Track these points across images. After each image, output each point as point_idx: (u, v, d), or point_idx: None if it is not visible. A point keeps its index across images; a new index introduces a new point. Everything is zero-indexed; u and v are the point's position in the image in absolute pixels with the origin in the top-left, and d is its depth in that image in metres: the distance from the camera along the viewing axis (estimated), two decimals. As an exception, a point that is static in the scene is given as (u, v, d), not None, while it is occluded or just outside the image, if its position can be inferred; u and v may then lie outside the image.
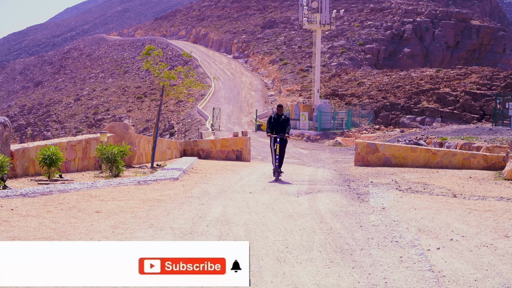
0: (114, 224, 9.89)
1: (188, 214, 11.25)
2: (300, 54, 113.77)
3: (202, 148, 30.02)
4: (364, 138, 48.80)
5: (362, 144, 26.25)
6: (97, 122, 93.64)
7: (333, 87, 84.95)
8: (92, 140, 20.31)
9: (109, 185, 14.80)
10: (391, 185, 17.24)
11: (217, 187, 16.20)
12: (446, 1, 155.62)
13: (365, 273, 7.38)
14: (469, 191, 15.98)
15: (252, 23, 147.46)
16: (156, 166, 22.39)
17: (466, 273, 7.43)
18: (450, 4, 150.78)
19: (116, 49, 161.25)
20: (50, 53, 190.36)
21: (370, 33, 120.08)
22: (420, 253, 8.37)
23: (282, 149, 19.25)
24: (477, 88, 69.84)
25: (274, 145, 19.19)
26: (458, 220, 11.14)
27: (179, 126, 76.16)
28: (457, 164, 24.43)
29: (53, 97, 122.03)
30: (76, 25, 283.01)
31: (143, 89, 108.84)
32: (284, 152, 19.47)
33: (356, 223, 10.71)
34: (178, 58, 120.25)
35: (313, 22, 65.30)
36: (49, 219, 10.10)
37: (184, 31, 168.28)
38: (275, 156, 19.08)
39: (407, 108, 67.91)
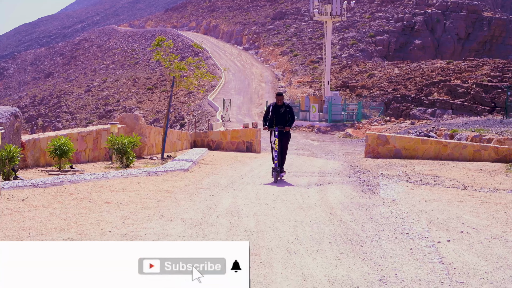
0: (124, 215, 9.92)
1: (198, 205, 11.26)
2: (311, 45, 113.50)
3: (212, 139, 30.05)
4: (375, 130, 48.70)
5: (373, 136, 26.21)
6: (108, 113, 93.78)
7: (344, 78, 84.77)
8: (103, 131, 20.36)
9: (120, 176, 14.83)
10: (401, 177, 17.21)
11: (227, 178, 16.21)
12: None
13: (375, 264, 7.38)
14: (480, 183, 15.94)
15: (263, 14, 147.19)
16: (166, 157, 22.42)
17: (477, 265, 7.41)
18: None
19: (126, 40, 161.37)
20: (61, 44, 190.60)
21: (381, 25, 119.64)
22: (430, 245, 8.35)
23: (283, 145, 16.42)
24: (488, 80, 69.52)
25: (273, 140, 16.41)
26: (468, 212, 11.11)
27: (189, 117, 76.16)
28: (468, 156, 24.35)
29: (64, 88, 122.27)
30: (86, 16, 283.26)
31: (154, 80, 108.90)
32: (286, 148, 16.60)
33: (366, 215, 10.70)
34: (189, 50, 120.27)
35: (324, 13, 65.09)
36: (60, 209, 10.13)
37: (194, 22, 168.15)
38: (274, 153, 16.29)
39: (417, 100, 67.69)
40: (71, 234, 8.37)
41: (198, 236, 8.58)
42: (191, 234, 8.72)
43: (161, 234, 8.58)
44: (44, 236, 8.22)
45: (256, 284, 6.57)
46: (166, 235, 8.53)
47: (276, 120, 16.44)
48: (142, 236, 8.41)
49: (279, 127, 16.31)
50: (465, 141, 28.48)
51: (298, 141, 40.57)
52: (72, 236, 8.27)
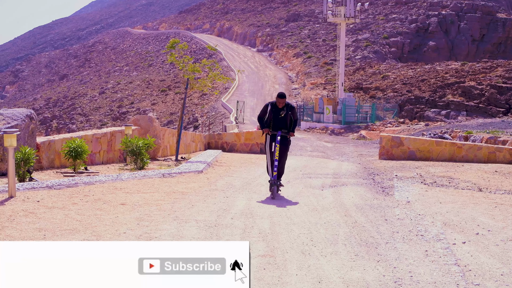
0: (139, 217, 9.94)
1: (213, 206, 11.28)
2: (324, 47, 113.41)
3: (226, 141, 30.07)
4: (389, 132, 48.61)
5: (387, 137, 26.15)
6: (122, 115, 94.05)
7: (357, 80, 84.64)
8: (117, 132, 20.42)
9: (134, 177, 14.87)
10: (416, 179, 17.16)
11: (242, 180, 16.21)
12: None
13: (390, 266, 7.36)
14: (495, 185, 15.87)
15: (276, 16, 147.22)
16: (180, 159, 22.46)
17: (492, 268, 7.38)
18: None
19: (140, 42, 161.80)
20: (75, 47, 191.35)
21: (394, 26, 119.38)
22: (445, 247, 8.33)
23: (282, 152, 13.59)
24: (503, 81, 69.22)
25: (271, 146, 13.62)
26: (483, 214, 11.07)
27: (203, 119, 76.28)
28: (483, 158, 24.25)
29: (78, 90, 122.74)
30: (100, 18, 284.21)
31: (167, 82, 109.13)
32: (285, 157, 13.80)
33: (381, 217, 10.68)
34: (202, 52, 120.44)
35: (338, 15, 65.06)
36: (74, 211, 10.17)
37: (208, 24, 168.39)
38: (272, 162, 13.49)
39: (431, 101, 67.47)
40: (86, 236, 8.40)
41: (213, 238, 8.59)
42: (206, 235, 8.73)
43: (176, 236, 8.59)
44: (59, 237, 8.25)
45: (271, 286, 6.57)
46: (181, 237, 8.55)
47: (274, 124, 13.70)
48: (157, 238, 8.43)
49: (282, 131, 13.56)
50: (479, 142, 28.37)
51: (312, 143, 40.50)
52: (87, 237, 8.31)
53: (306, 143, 39.88)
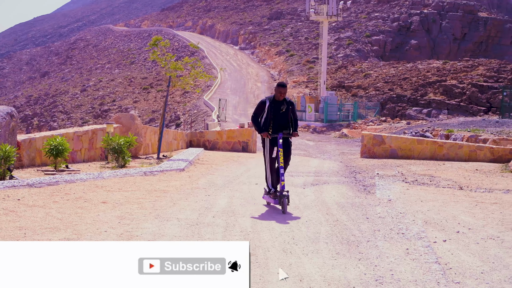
0: (120, 215, 9.90)
1: (194, 205, 11.25)
2: (307, 45, 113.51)
3: (208, 139, 30.04)
4: (370, 130, 48.74)
5: (368, 136, 26.22)
6: (103, 113, 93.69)
7: (340, 78, 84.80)
8: (99, 130, 20.33)
9: (116, 175, 14.81)
10: (397, 177, 17.22)
11: (223, 178, 16.20)
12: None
13: (371, 265, 7.38)
14: (476, 184, 15.95)
15: (259, 14, 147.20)
16: (162, 157, 22.41)
17: (473, 266, 7.41)
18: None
19: (122, 39, 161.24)
20: (57, 44, 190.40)
21: (377, 25, 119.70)
22: (426, 245, 8.36)
23: (286, 158, 11.53)
24: (484, 80, 69.63)
25: (272, 151, 11.42)
26: (464, 213, 11.12)
27: (185, 117, 76.17)
28: (464, 157, 24.38)
29: (60, 88, 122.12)
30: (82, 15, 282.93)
31: (150, 80, 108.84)
32: (289, 162, 11.74)
33: (362, 215, 10.70)
34: (185, 49, 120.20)
35: (320, 13, 65.16)
36: (55, 209, 10.12)
37: (190, 22, 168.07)
38: (273, 170, 11.48)
39: (413, 100, 67.76)
40: (67, 234, 8.35)
41: (194, 236, 8.57)
42: (187, 234, 8.71)
43: (157, 234, 8.57)
44: (40, 236, 8.20)
45: (252, 284, 6.56)
46: (162, 235, 8.52)
47: (274, 122, 11.44)
48: (138, 236, 8.39)
49: (284, 133, 11.40)
50: (460, 141, 28.50)
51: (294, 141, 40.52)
52: (68, 236, 8.26)
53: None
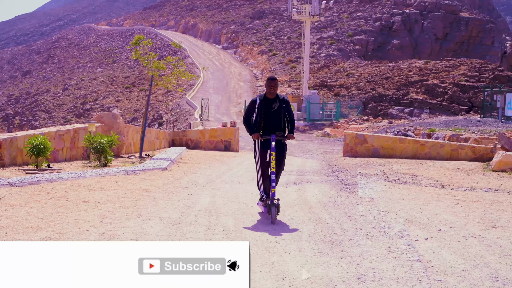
0: (102, 214, 9.87)
1: (177, 204, 11.24)
2: (289, 45, 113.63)
3: (190, 138, 30.00)
4: (353, 129, 48.85)
5: (351, 135, 26.27)
6: (85, 112, 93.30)
7: (322, 78, 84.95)
8: (81, 129, 20.25)
9: (98, 174, 14.76)
10: (379, 176, 17.27)
11: (206, 177, 16.18)
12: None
13: (353, 263, 7.39)
14: (457, 182, 16.03)
15: (241, 13, 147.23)
16: (144, 156, 22.35)
17: (454, 264, 7.45)
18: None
19: (104, 38, 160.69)
20: (38, 43, 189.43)
21: (359, 25, 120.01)
22: (408, 244, 8.39)
23: (279, 162, 10.41)
24: (465, 80, 70.00)
25: (263, 155, 10.35)
26: (446, 211, 11.17)
27: (168, 116, 75.98)
28: (445, 155, 24.49)
29: (41, 87, 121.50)
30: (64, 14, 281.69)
31: (132, 79, 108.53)
32: (282, 167, 10.63)
33: (345, 214, 10.73)
34: (167, 48, 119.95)
35: (303, 13, 65.25)
36: (37, 208, 10.06)
37: (173, 21, 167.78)
38: (265, 175, 10.41)
39: (395, 99, 67.98)
40: (49, 233, 8.31)
41: (177, 235, 8.55)
42: (170, 233, 8.69)
43: (139, 233, 8.54)
44: (21, 235, 8.15)
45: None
46: (144, 234, 8.50)
47: (265, 122, 10.43)
48: (120, 235, 8.36)
49: (277, 135, 10.30)
50: (442, 140, 28.62)
51: (277, 140, 40.53)
52: (49, 235, 8.22)
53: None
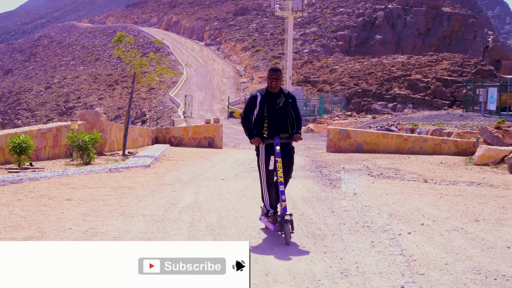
0: (85, 212, 9.83)
1: (160, 201, 11.21)
2: (272, 41, 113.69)
3: (174, 136, 29.95)
4: (336, 125, 48.93)
5: (334, 130, 26.31)
6: (68, 110, 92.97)
7: (305, 74, 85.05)
8: (63, 128, 20.16)
9: (80, 172, 14.71)
10: (362, 171, 17.30)
11: (189, 174, 16.16)
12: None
13: (336, 258, 7.40)
14: (440, 176, 16.09)
15: (224, 10, 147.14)
16: (127, 153, 22.29)
17: (437, 257, 7.47)
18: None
19: (87, 36, 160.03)
20: (20, 41, 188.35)
21: (342, 20, 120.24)
22: (391, 238, 8.40)
23: (287, 169, 8.76)
24: (448, 74, 70.33)
25: (268, 161, 8.59)
26: (429, 205, 11.21)
27: (151, 113, 75.86)
28: (428, 150, 24.59)
29: (24, 85, 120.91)
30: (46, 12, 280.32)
31: (115, 77, 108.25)
32: (291, 174, 8.98)
33: (328, 209, 10.74)
34: (150, 46, 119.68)
35: (285, 9, 65.29)
36: (19, 207, 10.01)
37: (155, 18, 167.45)
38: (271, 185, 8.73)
39: (378, 94, 68.21)
40: (31, 232, 8.27)
41: (160, 232, 8.53)
42: (153, 230, 8.67)
43: (122, 231, 8.51)
44: (3, 234, 8.11)
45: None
46: (128, 232, 8.47)
47: (270, 122, 8.74)
48: (103, 233, 8.33)
49: (281, 137, 8.57)
50: (425, 135, 28.74)
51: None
52: (32, 234, 8.17)
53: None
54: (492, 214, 10.38)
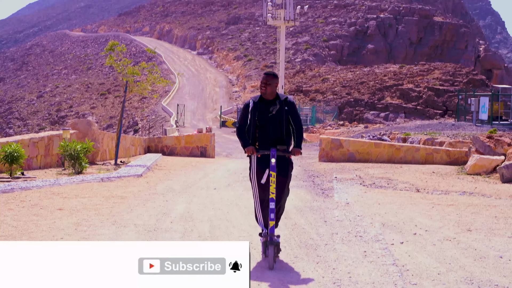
0: (76, 222, 9.79)
1: (152, 210, 11.18)
2: (265, 50, 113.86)
3: (166, 145, 29.91)
4: (328, 134, 48.96)
5: (327, 140, 26.31)
6: (60, 119, 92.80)
7: (298, 83, 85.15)
8: (55, 137, 20.11)
9: (72, 182, 14.67)
10: (355, 181, 17.30)
11: (182, 184, 16.13)
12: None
13: (329, 268, 7.38)
14: (432, 186, 16.10)
15: (217, 19, 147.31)
16: (119, 162, 22.24)
17: (430, 267, 7.47)
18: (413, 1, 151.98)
19: (79, 45, 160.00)
20: (12, 49, 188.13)
21: (334, 29, 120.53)
22: (384, 248, 8.40)
23: (282, 185, 7.81)
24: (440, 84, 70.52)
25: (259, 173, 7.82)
26: (421, 215, 11.21)
27: (143, 122, 75.79)
28: (421, 159, 24.61)
29: (15, 94, 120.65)
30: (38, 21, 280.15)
31: (107, 86, 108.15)
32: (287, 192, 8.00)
33: (321, 218, 10.73)
34: (142, 55, 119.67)
35: (277, 18, 65.30)
36: (10, 217, 9.97)
37: (148, 27, 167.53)
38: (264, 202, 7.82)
39: (371, 104, 68.32)
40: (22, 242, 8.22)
41: (152, 242, 8.50)
42: (145, 240, 8.64)
43: (114, 241, 8.48)
44: (-6, 244, 8.06)
45: None
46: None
47: (262, 132, 7.96)
48: (95, 243, 8.29)
49: (278, 148, 7.68)
50: (417, 144, 28.76)
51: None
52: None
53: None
54: (484, 223, 10.39)
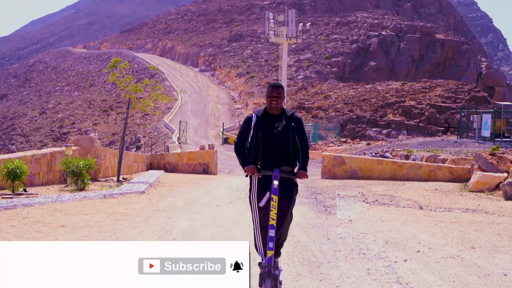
0: (79, 238, 9.76)
1: (155, 227, 11.14)
2: (267, 67, 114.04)
3: (168, 162, 29.88)
4: (331, 151, 48.92)
5: (329, 156, 26.30)
6: (63, 135, 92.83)
7: (300, 100, 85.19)
8: (57, 153, 20.09)
9: (74, 198, 14.64)
10: (358, 198, 17.26)
11: (184, 201, 16.10)
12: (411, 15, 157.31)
13: (332, 285, 7.35)
14: (435, 203, 16.06)
15: (219, 36, 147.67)
16: (122, 179, 22.22)
17: (433, 285, 7.43)
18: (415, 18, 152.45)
19: (82, 62, 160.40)
20: (15, 66, 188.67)
21: (336, 47, 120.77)
22: (387, 265, 8.36)
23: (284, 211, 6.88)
24: (442, 101, 70.53)
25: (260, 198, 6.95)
26: (424, 232, 11.17)
27: (146, 139, 75.80)
28: (423, 176, 24.56)
29: (18, 110, 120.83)
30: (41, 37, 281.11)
31: (109, 102, 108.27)
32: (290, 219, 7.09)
33: (323, 236, 10.69)
34: (145, 71, 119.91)
35: (280, 35, 65.51)
36: (12, 233, 9.94)
37: (150, 44, 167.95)
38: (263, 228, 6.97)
39: (373, 121, 68.30)
40: (24, 259, 8.20)
41: (154, 259, 8.47)
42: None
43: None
44: (-4, 261, 8.03)
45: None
46: (122, 259, 8.41)
47: (265, 150, 6.96)
48: (97, 260, 8.26)
49: (283, 170, 6.70)
50: (420, 161, 28.72)
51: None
52: (25, 260, 8.10)
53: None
54: (488, 241, 10.35)
